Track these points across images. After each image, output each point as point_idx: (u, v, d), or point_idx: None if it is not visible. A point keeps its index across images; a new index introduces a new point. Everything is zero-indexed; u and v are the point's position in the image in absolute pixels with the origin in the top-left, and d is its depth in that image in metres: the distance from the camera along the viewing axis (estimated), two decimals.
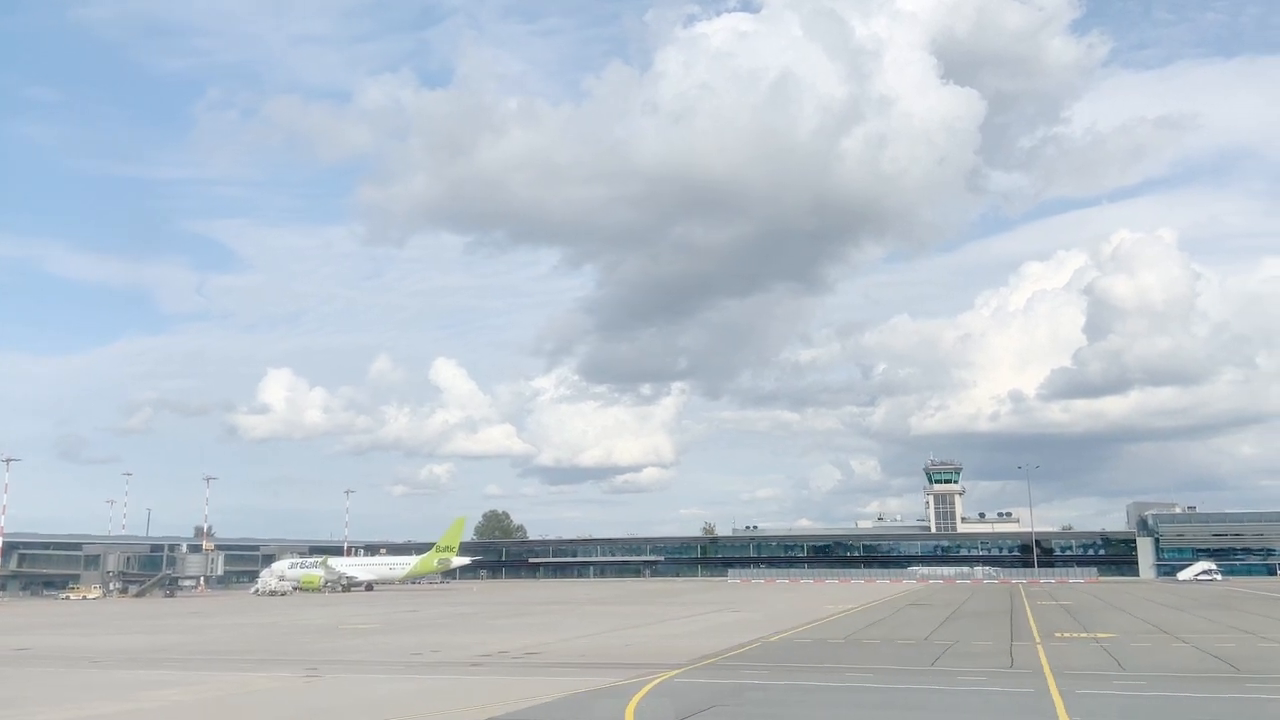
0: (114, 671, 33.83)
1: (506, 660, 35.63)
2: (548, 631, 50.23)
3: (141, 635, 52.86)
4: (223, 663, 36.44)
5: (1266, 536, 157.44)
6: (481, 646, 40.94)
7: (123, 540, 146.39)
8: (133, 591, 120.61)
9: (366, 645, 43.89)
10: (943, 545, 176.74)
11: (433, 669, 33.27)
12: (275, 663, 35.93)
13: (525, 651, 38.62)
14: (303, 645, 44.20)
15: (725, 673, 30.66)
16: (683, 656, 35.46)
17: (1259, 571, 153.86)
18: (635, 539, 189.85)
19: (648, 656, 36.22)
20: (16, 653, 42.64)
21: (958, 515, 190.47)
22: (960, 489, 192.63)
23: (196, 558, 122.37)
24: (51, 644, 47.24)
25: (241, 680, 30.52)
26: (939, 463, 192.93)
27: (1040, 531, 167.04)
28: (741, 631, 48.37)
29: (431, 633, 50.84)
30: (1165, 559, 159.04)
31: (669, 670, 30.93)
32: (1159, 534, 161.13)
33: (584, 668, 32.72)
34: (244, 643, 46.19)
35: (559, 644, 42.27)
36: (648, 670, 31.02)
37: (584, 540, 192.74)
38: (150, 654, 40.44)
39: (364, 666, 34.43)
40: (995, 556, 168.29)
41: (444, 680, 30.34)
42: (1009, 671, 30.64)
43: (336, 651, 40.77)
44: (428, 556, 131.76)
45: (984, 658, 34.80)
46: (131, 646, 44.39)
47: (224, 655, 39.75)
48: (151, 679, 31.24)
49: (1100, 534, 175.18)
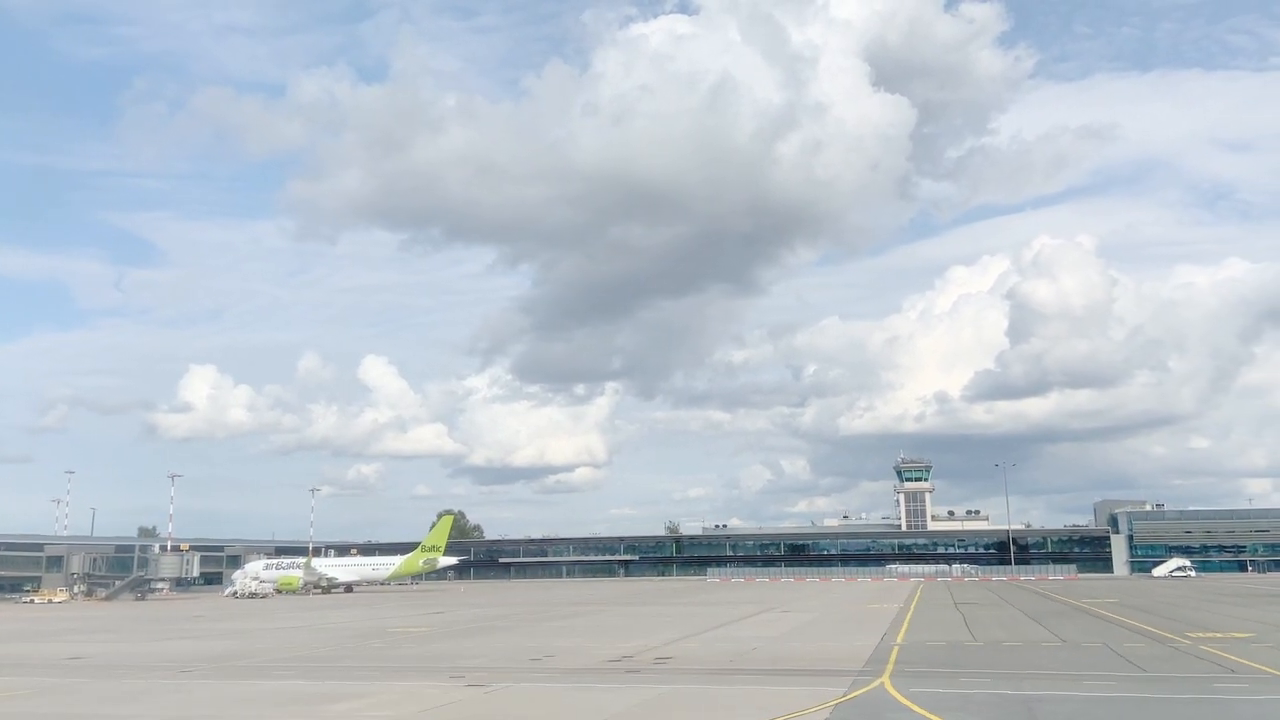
0: (243, 683, 30.34)
1: (665, 668, 32.75)
2: (633, 635, 47.29)
3: (185, 641, 48.83)
4: (341, 671, 33.04)
5: (1237, 533, 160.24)
6: (592, 653, 38.00)
7: (86, 541, 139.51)
8: (101, 594, 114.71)
9: (463, 650, 40.53)
10: (919, 543, 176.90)
11: (602, 675, 30.36)
12: (396, 671, 32.74)
13: (655, 658, 35.81)
14: (388, 652, 40.82)
15: (937, 680, 28.25)
16: (840, 662, 33.15)
17: (1230, 568, 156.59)
18: (608, 538, 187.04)
19: (802, 661, 33.90)
20: (73, 661, 38.81)
21: (928, 513, 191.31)
22: (930, 486, 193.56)
23: (171, 559, 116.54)
24: (97, 652, 43.16)
25: (410, 691, 27.25)
26: (910, 460, 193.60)
27: (1016, 529, 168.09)
28: (847, 633, 46.29)
29: (506, 636, 47.69)
30: (1138, 556, 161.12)
31: (862, 676, 28.55)
32: (1132, 531, 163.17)
33: (762, 674, 30.19)
34: (321, 649, 42.58)
35: (673, 647, 39.48)
36: (835, 676, 28.67)
37: (554, 539, 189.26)
38: (241, 662, 36.79)
39: (510, 675, 31.25)
40: (971, 554, 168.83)
41: (651, 690, 27.41)
42: (1255, 676, 28.74)
43: (442, 658, 37.54)
44: (412, 556, 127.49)
45: (1178, 660, 32.91)
46: (197, 653, 40.53)
47: (326, 663, 36.31)
48: (304, 691, 28.00)
49: (1074, 531, 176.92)
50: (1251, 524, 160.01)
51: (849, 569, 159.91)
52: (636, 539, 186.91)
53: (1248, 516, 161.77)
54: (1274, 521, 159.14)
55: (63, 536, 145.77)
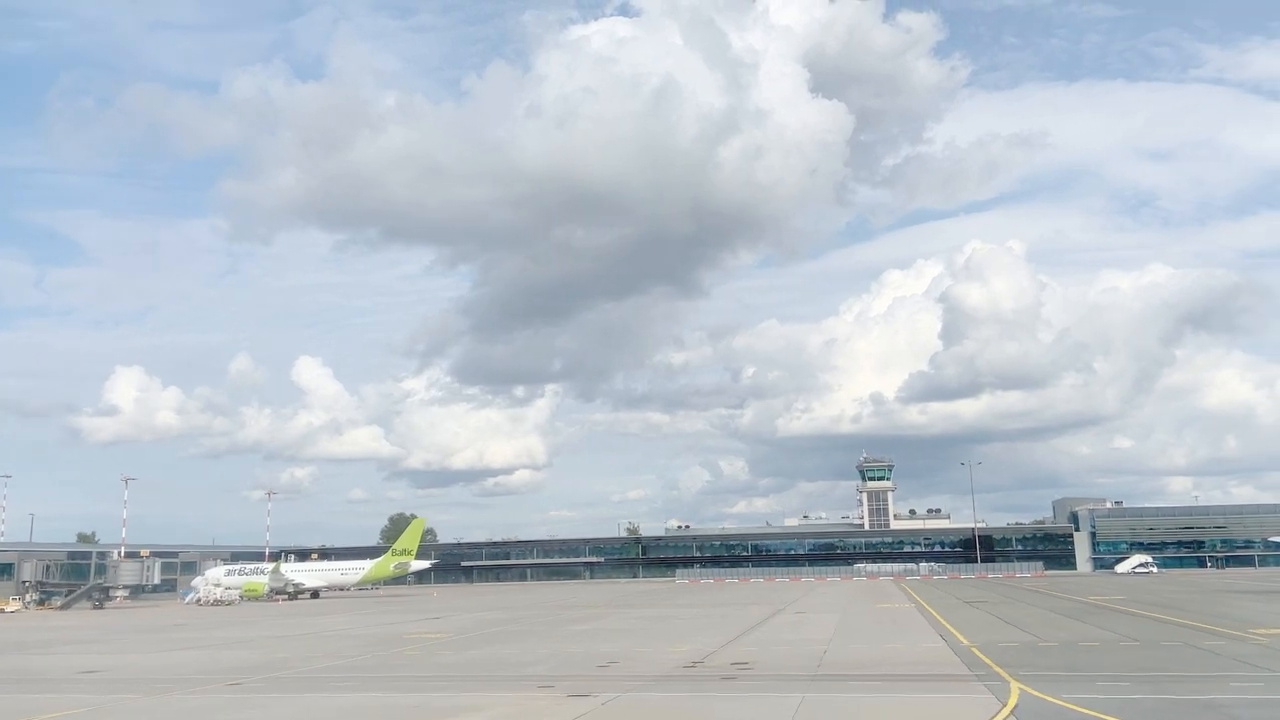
0: (309, 696, 27.87)
1: (754, 674, 30.88)
2: (672, 639, 45.35)
3: (193, 651, 45.83)
4: (407, 682, 30.66)
5: (1196, 530, 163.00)
6: (653, 659, 36.04)
7: (34, 547, 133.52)
8: (56, 603, 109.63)
9: (510, 658, 38.13)
10: (885, 542, 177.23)
11: (702, 684, 28.43)
12: (470, 680, 30.52)
13: (731, 663, 33.95)
14: (430, 659, 38.40)
15: (1068, 685, 26.76)
16: (935, 666, 31.79)
17: (1190, 564, 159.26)
18: (572, 540, 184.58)
19: (893, 666, 32.33)
20: (89, 675, 35.88)
21: (890, 512, 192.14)
22: (893, 485, 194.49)
23: (131, 566, 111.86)
24: (107, 665, 40.10)
25: (518, 703, 25.04)
26: (872, 460, 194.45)
27: (982, 527, 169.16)
28: (898, 635, 44.99)
29: (538, 642, 45.34)
30: (1100, 553, 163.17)
31: (983, 682, 27.06)
32: (1094, 529, 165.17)
33: (870, 680, 28.58)
34: (355, 657, 39.94)
35: (731, 652, 37.68)
36: (950, 681, 27.25)
37: (517, 542, 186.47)
38: (281, 673, 34.13)
39: (599, 683, 28.99)
40: (937, 552, 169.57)
41: (780, 701, 25.57)
42: None
43: (498, 665, 35.29)
44: (383, 560, 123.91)
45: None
46: (219, 664, 37.76)
47: (377, 673, 33.85)
48: (396, 704, 25.70)
49: (1038, 529, 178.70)
50: (1210, 520, 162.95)
51: (816, 569, 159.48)
52: (602, 541, 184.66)
53: (1207, 513, 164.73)
54: (1231, 518, 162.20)
55: (6, 544, 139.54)
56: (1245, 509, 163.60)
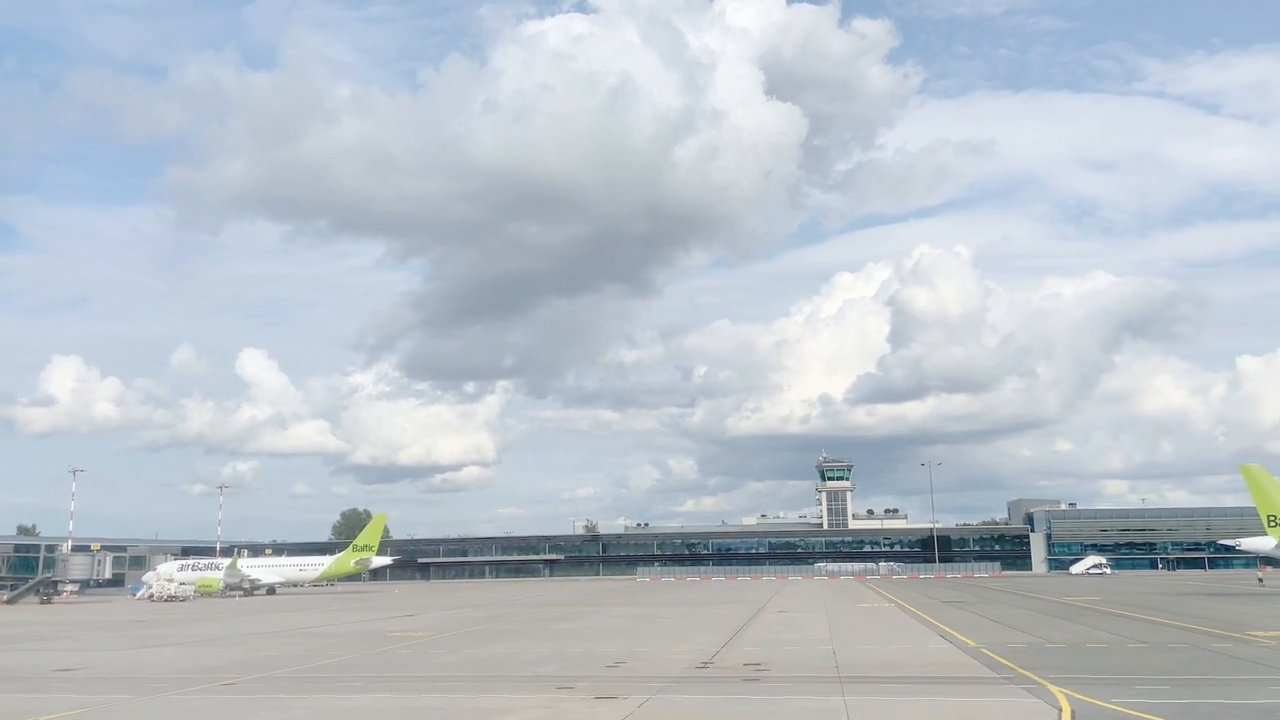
0: (311, 697, 26.44)
1: (774, 676, 29.94)
2: (668, 639, 44.45)
3: (167, 649, 43.90)
4: (408, 682, 29.34)
5: (1149, 532, 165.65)
6: (658, 659, 35.07)
7: None
8: (3, 596, 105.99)
9: (508, 657, 36.85)
10: (845, 541, 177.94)
11: (725, 685, 27.46)
12: (480, 681, 29.25)
13: (744, 663, 33.04)
14: (425, 659, 37.03)
15: (1104, 688, 26.19)
16: (953, 668, 31.18)
17: (1142, 565, 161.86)
18: (532, 537, 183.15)
19: (911, 669, 31.66)
20: (62, 674, 34.01)
21: (849, 512, 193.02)
22: (851, 485, 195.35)
23: (81, 559, 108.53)
24: (80, 663, 38.13)
25: (547, 704, 23.84)
26: (831, 460, 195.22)
27: (940, 527, 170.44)
28: (898, 636, 44.48)
29: (529, 641, 44.11)
30: (1055, 553, 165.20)
31: (1016, 685, 26.43)
32: (1050, 530, 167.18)
33: (895, 682, 27.81)
34: (342, 656, 38.41)
35: (736, 652, 36.80)
36: (980, 684, 26.60)
37: (475, 539, 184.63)
38: (271, 672, 32.56)
39: (621, 684, 27.92)
40: (896, 552, 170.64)
41: (816, 703, 24.67)
42: None
43: (501, 664, 34.03)
44: (343, 556, 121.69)
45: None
46: (200, 662, 36.03)
47: (375, 672, 32.44)
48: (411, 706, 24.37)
49: (995, 529, 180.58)
50: (1164, 522, 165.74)
51: (777, 568, 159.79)
52: (562, 538, 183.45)
53: (1159, 515, 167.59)
54: (1183, 520, 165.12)
55: None
56: (1197, 512, 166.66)
